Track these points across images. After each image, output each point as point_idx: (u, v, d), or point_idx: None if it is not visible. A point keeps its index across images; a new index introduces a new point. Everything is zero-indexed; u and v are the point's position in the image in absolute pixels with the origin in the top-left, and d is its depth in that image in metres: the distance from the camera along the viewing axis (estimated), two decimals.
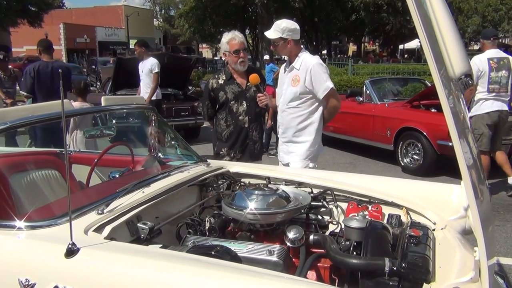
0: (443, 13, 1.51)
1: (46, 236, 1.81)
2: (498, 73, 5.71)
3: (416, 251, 1.79)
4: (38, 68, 5.99)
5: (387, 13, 29.91)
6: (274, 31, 3.56)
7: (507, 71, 5.75)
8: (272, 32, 3.57)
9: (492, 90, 5.74)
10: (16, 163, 2.74)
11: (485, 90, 5.73)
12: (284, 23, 3.54)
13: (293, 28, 3.54)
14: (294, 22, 3.63)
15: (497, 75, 5.71)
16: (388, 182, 2.72)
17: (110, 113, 3.11)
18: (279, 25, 3.53)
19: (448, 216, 2.25)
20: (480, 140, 5.73)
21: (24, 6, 38.14)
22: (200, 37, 34.36)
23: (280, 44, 3.57)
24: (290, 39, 3.54)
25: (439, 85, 1.43)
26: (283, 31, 3.51)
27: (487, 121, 5.76)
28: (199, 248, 1.81)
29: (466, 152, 1.49)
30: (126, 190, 2.16)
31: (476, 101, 5.84)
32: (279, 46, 3.59)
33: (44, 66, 6.04)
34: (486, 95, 5.75)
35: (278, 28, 3.53)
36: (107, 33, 55.16)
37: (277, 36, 3.53)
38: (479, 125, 5.77)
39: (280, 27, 3.52)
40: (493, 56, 5.77)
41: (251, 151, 3.96)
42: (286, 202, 2.23)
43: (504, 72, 5.73)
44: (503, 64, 5.76)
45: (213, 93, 3.93)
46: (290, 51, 3.59)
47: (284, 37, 3.52)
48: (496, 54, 5.83)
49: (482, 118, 5.77)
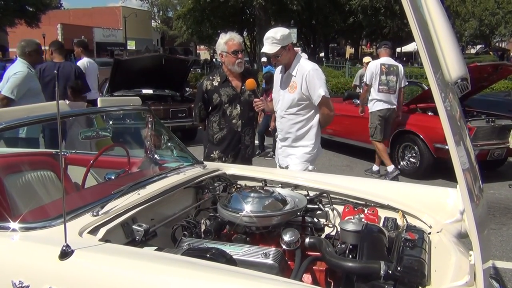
0: (440, 17, 1.51)
1: (41, 238, 1.81)
2: (387, 77, 6.95)
3: (412, 255, 1.79)
4: (44, 68, 5.98)
5: (385, 16, 30.00)
6: (272, 45, 3.43)
7: (395, 76, 6.98)
8: (271, 46, 3.44)
9: (382, 91, 6.96)
10: (11, 164, 2.73)
11: (377, 91, 6.97)
12: (280, 32, 3.44)
13: (287, 33, 3.49)
14: (283, 28, 3.59)
15: (387, 78, 6.95)
16: (384, 185, 2.73)
17: (106, 114, 3.09)
18: (275, 37, 3.41)
19: (444, 220, 2.25)
20: (375, 132, 7.07)
21: (22, 7, 38.11)
22: (198, 39, 34.41)
23: (282, 54, 3.48)
24: (289, 44, 3.50)
25: (435, 89, 1.42)
26: (282, 41, 3.42)
27: (379, 117, 7.02)
28: (194, 251, 1.81)
29: (461, 156, 1.49)
30: (121, 191, 2.15)
31: (370, 100, 7.11)
32: (282, 57, 3.50)
33: (51, 67, 6.04)
34: (377, 95, 6.99)
35: (275, 40, 3.41)
36: (105, 34, 55.07)
37: (278, 48, 3.43)
38: (373, 120, 7.09)
39: (277, 38, 3.41)
40: (385, 62, 7.01)
41: (242, 155, 3.90)
42: (282, 204, 2.22)
43: (393, 77, 6.97)
44: (392, 70, 6.99)
45: (207, 95, 3.86)
46: (289, 57, 3.54)
47: (284, 45, 3.44)
48: (387, 61, 7.07)
49: (375, 114, 7.06)
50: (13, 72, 4.73)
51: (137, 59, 10.81)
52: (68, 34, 48.64)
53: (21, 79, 4.60)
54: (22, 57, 4.88)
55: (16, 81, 4.57)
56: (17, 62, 4.92)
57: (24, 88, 4.62)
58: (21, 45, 4.98)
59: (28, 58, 4.92)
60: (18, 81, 4.60)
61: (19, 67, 4.79)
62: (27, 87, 4.68)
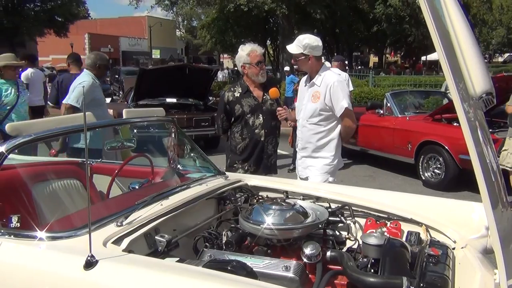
0: (464, 31, 1.49)
1: (66, 248, 1.85)
2: None
3: (435, 271, 1.76)
4: (61, 80, 6.18)
5: (409, 24, 29.67)
6: (296, 46, 3.55)
7: None
8: (294, 46, 3.56)
9: None
10: (38, 172, 2.80)
11: None
12: (307, 39, 3.52)
13: (315, 45, 3.53)
14: (318, 38, 3.61)
15: None
16: (407, 198, 2.69)
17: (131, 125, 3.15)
18: (302, 41, 3.52)
19: (469, 235, 2.20)
20: None
21: (51, 17, 39.15)
22: (221, 48, 34.64)
23: (301, 59, 3.56)
24: (311, 55, 3.53)
25: (456, 99, 1.41)
26: (304, 47, 3.50)
27: None
28: (215, 263, 1.82)
29: (485, 168, 1.46)
30: (145, 202, 2.19)
31: None
32: (300, 61, 3.58)
33: (68, 79, 6.20)
34: None
35: (300, 44, 3.52)
36: (131, 43, 56.14)
37: (299, 52, 3.53)
38: None
39: (302, 43, 3.51)
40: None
41: (265, 165, 3.90)
42: (303, 217, 2.22)
43: None
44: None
45: (229, 106, 3.88)
46: (311, 67, 3.59)
47: (305, 53, 3.51)
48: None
49: None
50: (79, 82, 4.88)
51: (162, 69, 11.00)
52: (95, 43, 49.72)
53: (85, 89, 4.74)
54: (90, 68, 5.02)
55: (81, 91, 4.70)
56: (84, 73, 5.05)
57: (89, 97, 4.74)
58: (92, 57, 5.12)
59: (97, 71, 5.05)
60: (84, 90, 4.73)
61: (85, 77, 4.94)
62: (91, 97, 4.80)
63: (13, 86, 5.72)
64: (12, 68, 5.71)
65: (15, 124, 2.35)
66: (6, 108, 5.63)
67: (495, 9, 33.88)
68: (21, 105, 5.78)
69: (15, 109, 5.69)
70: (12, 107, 5.66)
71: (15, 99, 5.69)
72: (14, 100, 5.69)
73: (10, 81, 5.71)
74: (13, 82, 5.75)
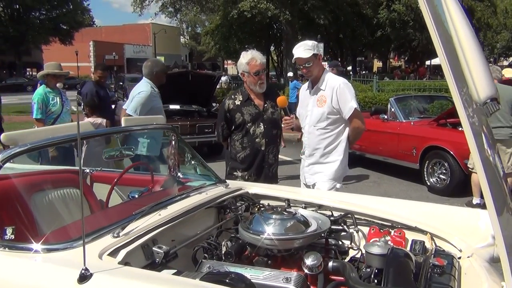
0: (467, 35, 1.46)
1: (62, 260, 1.80)
2: None
3: (440, 282, 1.72)
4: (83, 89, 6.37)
5: (413, 29, 29.64)
6: (304, 51, 3.49)
7: None
8: (304, 52, 3.49)
9: None
10: (36, 182, 2.77)
11: None
12: (309, 42, 3.56)
13: (317, 43, 3.57)
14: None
15: None
16: (411, 205, 2.63)
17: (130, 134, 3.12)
18: (307, 44, 3.51)
19: (475, 244, 2.14)
20: None
21: (56, 25, 39.51)
22: (225, 54, 34.75)
23: (314, 62, 3.52)
24: (319, 54, 3.57)
25: (459, 104, 1.37)
26: (313, 48, 3.50)
27: None
28: (213, 275, 1.77)
29: (489, 175, 1.41)
30: (142, 212, 2.14)
31: None
32: (313, 65, 3.53)
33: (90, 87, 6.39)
34: None
35: (308, 47, 3.49)
36: (135, 50, 56.51)
37: (310, 54, 3.48)
38: None
39: (308, 45, 3.51)
40: None
41: (266, 174, 3.82)
42: (304, 226, 2.16)
43: None
44: None
45: (229, 114, 3.81)
46: (319, 68, 3.57)
47: (316, 53, 3.51)
48: None
49: None
50: (137, 91, 4.80)
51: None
52: (100, 50, 50.08)
53: (144, 98, 4.68)
54: (148, 77, 4.91)
55: (140, 100, 4.65)
56: (142, 82, 4.96)
57: (147, 107, 4.69)
58: (148, 65, 4.99)
59: (155, 78, 4.94)
60: (142, 100, 4.67)
61: (143, 87, 4.85)
62: (149, 106, 4.74)
63: (57, 95, 5.76)
64: (54, 77, 5.74)
65: (11, 134, 2.32)
66: (52, 117, 5.67)
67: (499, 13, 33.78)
68: (65, 114, 5.82)
69: (60, 117, 5.73)
70: (58, 116, 5.70)
71: (60, 108, 5.73)
72: (60, 109, 5.74)
73: (55, 90, 5.73)
74: (57, 92, 5.78)
